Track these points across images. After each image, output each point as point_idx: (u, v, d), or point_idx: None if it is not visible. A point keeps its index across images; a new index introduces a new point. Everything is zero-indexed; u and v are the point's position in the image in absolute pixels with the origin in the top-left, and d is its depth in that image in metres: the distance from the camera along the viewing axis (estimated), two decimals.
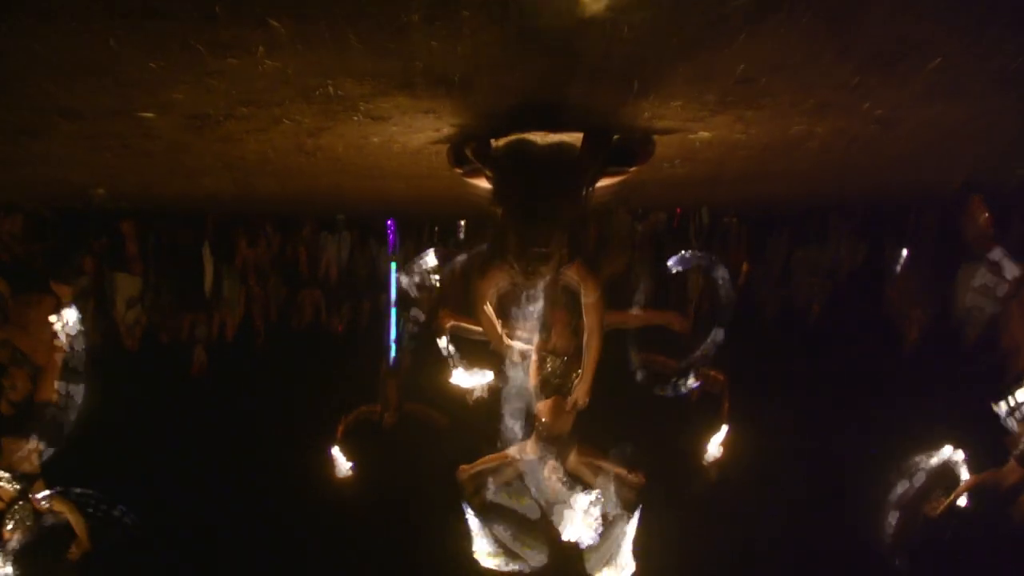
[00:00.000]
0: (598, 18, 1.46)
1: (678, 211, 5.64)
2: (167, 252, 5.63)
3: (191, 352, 5.75)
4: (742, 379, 4.99)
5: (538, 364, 3.47)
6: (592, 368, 3.13)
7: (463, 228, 5.87)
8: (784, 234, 5.88)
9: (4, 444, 4.03)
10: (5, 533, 3.85)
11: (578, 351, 3.17)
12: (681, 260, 5.01)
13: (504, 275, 2.72)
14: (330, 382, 5.70)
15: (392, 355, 5.90)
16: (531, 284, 2.51)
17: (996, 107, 2.25)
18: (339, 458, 5.19)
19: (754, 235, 5.86)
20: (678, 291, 5.49)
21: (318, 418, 5.38)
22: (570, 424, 3.51)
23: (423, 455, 4.87)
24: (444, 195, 3.72)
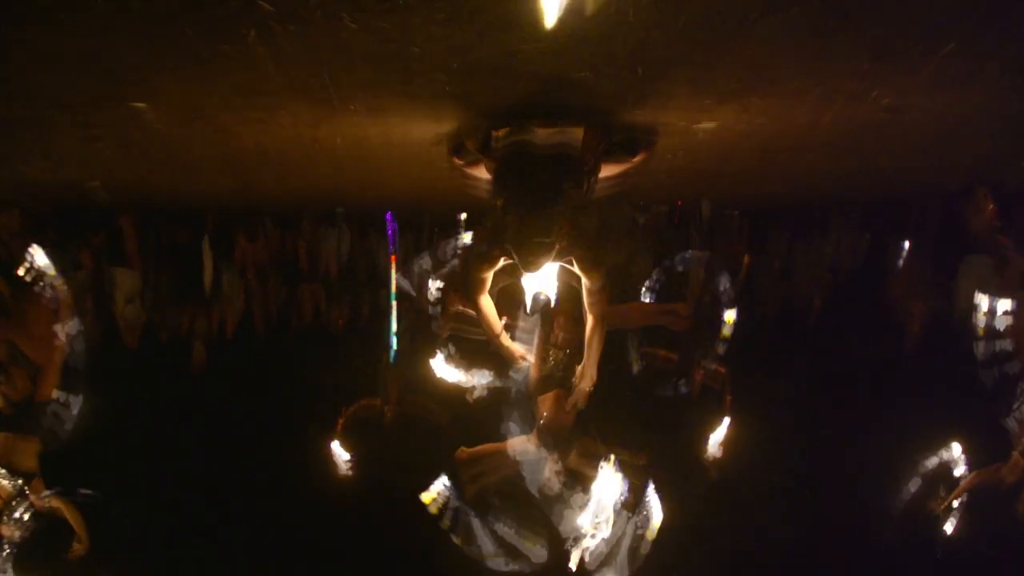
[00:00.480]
0: (604, 1, 1.42)
1: (679, 204, 5.60)
2: (166, 248, 5.60)
3: (190, 347, 5.73)
4: (743, 372, 4.96)
5: (540, 358, 3.42)
6: (594, 364, 3.05)
7: (463, 222, 5.83)
8: (786, 227, 5.84)
9: (3, 442, 4.01)
10: (4, 531, 3.83)
11: (580, 344, 3.11)
12: (683, 260, 4.99)
13: (504, 265, 2.68)
14: (330, 376, 5.68)
15: (393, 349, 5.87)
16: (531, 274, 2.47)
17: (1008, 95, 2.21)
18: (339, 452, 5.17)
19: (755, 228, 5.82)
20: (678, 285, 5.46)
21: (318, 412, 5.35)
22: (571, 419, 3.46)
23: (423, 450, 4.84)
24: (444, 186, 3.68)
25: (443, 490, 3.60)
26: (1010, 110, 2.39)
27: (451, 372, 4.05)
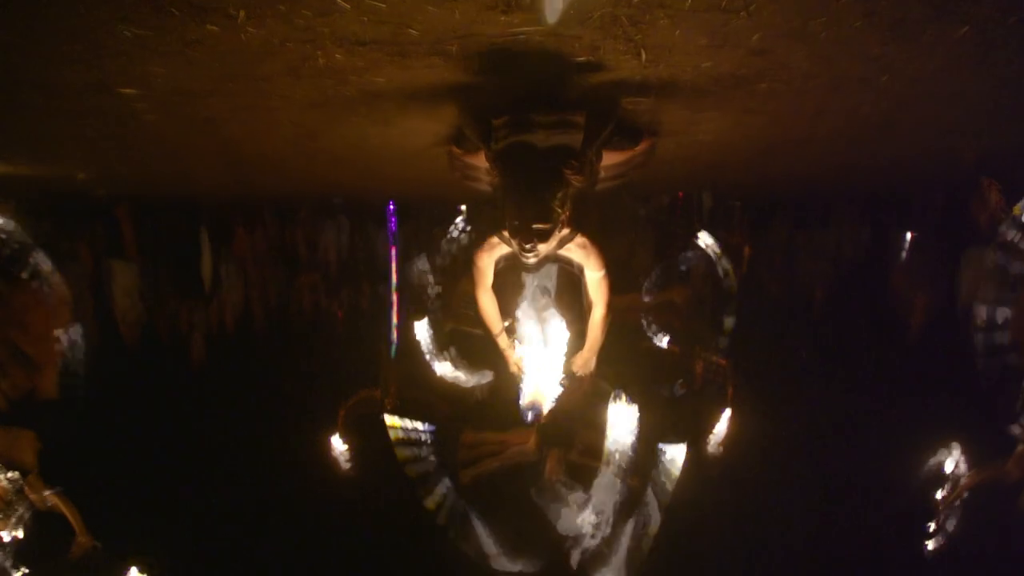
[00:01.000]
0: None
1: (680, 195, 5.56)
2: (164, 239, 5.56)
3: (189, 339, 5.69)
4: (744, 364, 4.92)
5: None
6: (597, 341, 3.00)
7: (464, 213, 5.78)
8: (787, 218, 5.80)
9: (1, 438, 3.97)
10: (2, 529, 3.80)
11: (582, 337, 3.07)
12: (684, 260, 4.97)
13: (504, 256, 2.64)
14: (330, 368, 5.65)
15: (393, 340, 5.83)
16: (530, 263, 2.42)
17: (1014, 84, 2.15)
18: (339, 446, 5.14)
19: (756, 219, 5.78)
20: (679, 274, 5.43)
21: (318, 404, 5.32)
22: (572, 417, 3.41)
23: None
24: (443, 177, 3.63)
25: (443, 490, 3.57)
26: (1019, 96, 2.33)
27: (451, 369, 4.01)
